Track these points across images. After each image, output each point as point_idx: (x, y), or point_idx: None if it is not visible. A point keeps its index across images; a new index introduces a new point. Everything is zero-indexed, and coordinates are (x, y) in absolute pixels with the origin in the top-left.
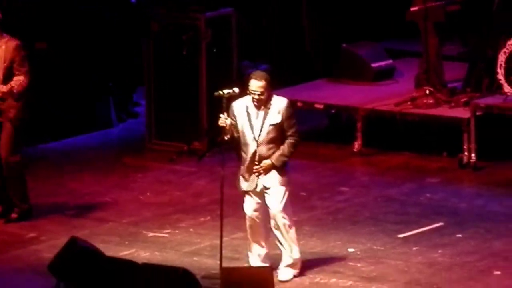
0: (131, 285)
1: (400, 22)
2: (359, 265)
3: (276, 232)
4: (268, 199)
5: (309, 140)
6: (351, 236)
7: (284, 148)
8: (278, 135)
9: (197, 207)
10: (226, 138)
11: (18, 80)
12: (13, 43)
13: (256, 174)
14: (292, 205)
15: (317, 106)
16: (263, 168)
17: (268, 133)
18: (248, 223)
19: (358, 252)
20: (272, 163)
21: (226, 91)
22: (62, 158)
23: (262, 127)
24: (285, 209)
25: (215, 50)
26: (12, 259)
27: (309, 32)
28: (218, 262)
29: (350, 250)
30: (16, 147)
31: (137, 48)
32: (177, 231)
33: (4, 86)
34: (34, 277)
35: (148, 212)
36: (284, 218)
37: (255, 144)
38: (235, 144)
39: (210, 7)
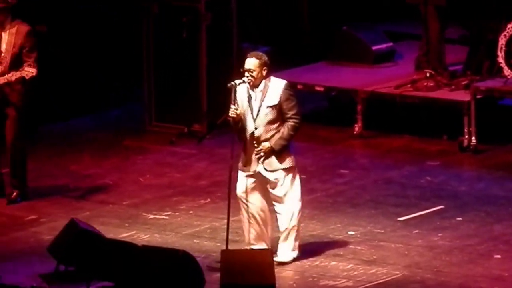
0: (131, 267)
1: (400, 4)
2: (359, 248)
3: (279, 218)
4: (270, 186)
5: (309, 122)
6: (351, 219)
7: (284, 131)
8: (277, 117)
9: (197, 189)
10: (231, 122)
11: (30, 73)
12: (24, 28)
13: (257, 157)
14: None
15: (317, 88)
16: (262, 151)
17: (266, 115)
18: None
19: (358, 235)
20: (271, 146)
21: (237, 81)
22: (62, 140)
23: (259, 109)
24: (289, 193)
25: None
26: (12, 241)
27: (309, 14)
28: (218, 244)
29: (350, 233)
30: (21, 131)
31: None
32: (177, 213)
33: (15, 74)
34: (34, 259)
35: (148, 194)
36: (287, 204)
37: (253, 126)
38: (238, 127)
39: None
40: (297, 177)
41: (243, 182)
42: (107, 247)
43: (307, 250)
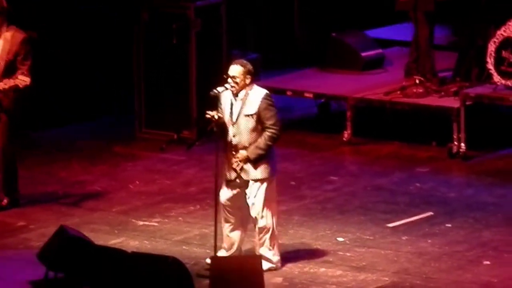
0: (120, 274)
1: (389, 11)
2: (348, 254)
3: (256, 232)
4: (248, 196)
5: (298, 129)
6: (340, 225)
7: (260, 140)
8: (255, 126)
9: (187, 196)
10: (214, 128)
11: (24, 82)
12: (20, 36)
13: (233, 165)
14: (281, 195)
15: (306, 95)
16: (239, 159)
17: (244, 123)
18: (222, 212)
19: (347, 242)
20: (247, 155)
21: (220, 88)
22: (52, 147)
23: (238, 117)
24: (264, 204)
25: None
26: (1, 247)
27: (299, 21)
28: (208, 251)
29: (339, 239)
30: (12, 137)
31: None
32: (166, 220)
33: (8, 82)
34: (23, 266)
35: (138, 201)
36: (262, 220)
37: (231, 133)
38: (220, 131)
39: None
40: (273, 187)
41: (224, 189)
42: (96, 253)
43: (296, 256)
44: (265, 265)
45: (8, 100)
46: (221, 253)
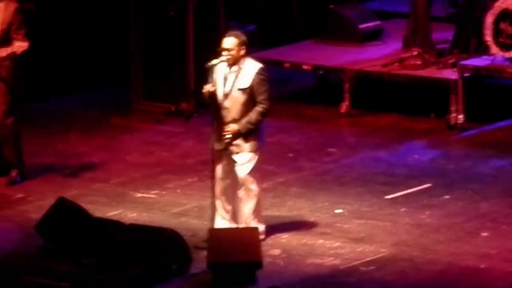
0: (118, 246)
1: None
2: (346, 226)
3: (242, 199)
4: (236, 166)
5: (296, 101)
6: (339, 197)
7: (252, 115)
8: (248, 100)
9: (184, 167)
10: (207, 101)
11: (21, 47)
12: (12, 5)
13: (223, 138)
14: (279, 166)
15: (304, 67)
16: (230, 132)
17: (236, 97)
18: (216, 184)
19: (346, 213)
20: (238, 129)
21: (215, 61)
22: (50, 119)
23: (231, 90)
24: (250, 176)
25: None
26: None
27: None
28: (205, 222)
29: (338, 211)
30: (12, 107)
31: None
32: (164, 192)
33: (5, 50)
34: (22, 238)
35: (136, 173)
36: (252, 184)
37: (223, 105)
38: (212, 103)
39: None
40: (260, 159)
41: (216, 160)
42: (94, 225)
43: (294, 228)
44: None
45: (5, 69)
46: (219, 221)
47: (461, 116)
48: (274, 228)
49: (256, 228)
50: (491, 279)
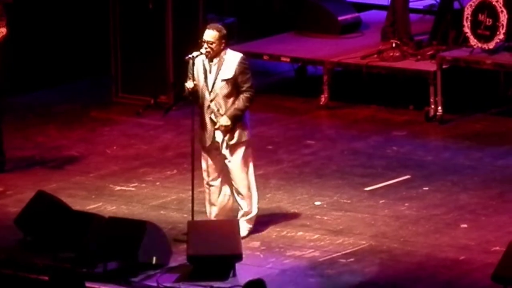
0: (98, 239)
1: None
2: (325, 218)
3: (235, 189)
4: (227, 157)
5: (275, 93)
6: (318, 189)
7: (239, 102)
8: (232, 90)
9: (164, 160)
10: (189, 97)
11: (1, 32)
12: None
13: (217, 130)
14: (259, 159)
15: (283, 59)
16: (221, 128)
17: (221, 88)
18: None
19: (325, 205)
20: (227, 121)
21: (195, 53)
22: (29, 112)
23: (214, 82)
24: (244, 165)
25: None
26: None
27: None
28: (185, 215)
29: (317, 203)
30: None
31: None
32: (143, 185)
33: None
34: (1, 232)
35: (115, 166)
36: (243, 175)
37: (208, 98)
38: (194, 99)
39: None
40: (250, 150)
41: (204, 155)
42: (74, 218)
43: (274, 220)
44: (243, 231)
45: None
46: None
47: (439, 108)
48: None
49: (236, 221)
50: (470, 270)
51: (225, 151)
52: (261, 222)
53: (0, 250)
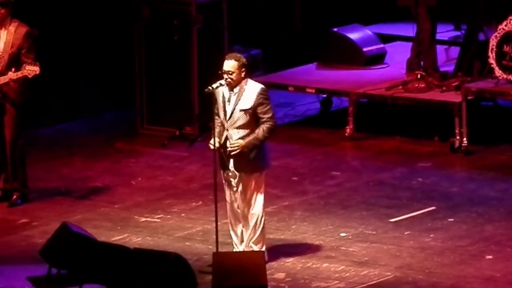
0: (123, 271)
1: (391, 6)
2: (351, 249)
3: (247, 222)
4: (241, 188)
5: (300, 124)
6: (343, 220)
7: (259, 131)
8: (250, 121)
9: (189, 192)
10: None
11: (33, 71)
12: (23, 29)
13: (228, 151)
14: (284, 190)
15: (308, 90)
16: (234, 147)
17: (238, 118)
18: (227, 205)
19: (350, 237)
20: (242, 144)
21: (214, 85)
22: (54, 144)
23: (233, 112)
24: (255, 196)
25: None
26: (4, 244)
27: (300, 16)
28: (210, 246)
29: (342, 234)
30: (20, 130)
31: (128, 35)
32: (169, 216)
33: (17, 73)
34: (26, 263)
35: (140, 197)
36: (254, 213)
37: (225, 128)
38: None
39: None
40: (263, 180)
41: (225, 184)
42: (99, 250)
43: (299, 252)
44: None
45: (14, 92)
46: (236, 249)
47: (465, 139)
48: (279, 252)
49: (261, 252)
50: None
51: (237, 180)
52: (286, 253)
53: (25, 282)
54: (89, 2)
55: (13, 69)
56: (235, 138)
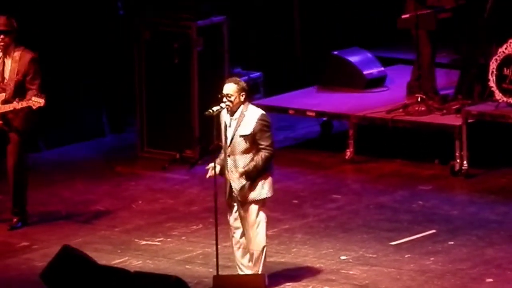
0: None
1: (391, 29)
2: (351, 272)
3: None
4: (242, 216)
5: (301, 147)
6: (344, 243)
7: (257, 159)
8: (250, 147)
9: (189, 215)
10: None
11: (38, 103)
12: (28, 56)
13: (230, 182)
14: (284, 213)
15: (309, 113)
16: (238, 175)
17: (238, 143)
18: (230, 231)
19: (351, 260)
20: (241, 172)
21: (215, 108)
22: (54, 167)
23: (233, 137)
24: (255, 223)
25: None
26: (3, 268)
27: (300, 39)
28: (210, 270)
29: (343, 257)
30: (23, 156)
31: (128, 58)
32: (169, 239)
33: (21, 103)
34: (27, 286)
35: (141, 220)
36: (254, 249)
37: (227, 153)
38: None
39: (202, 15)
40: (262, 210)
41: (229, 209)
42: (99, 273)
43: (299, 275)
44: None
45: (18, 119)
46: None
47: (465, 162)
48: (279, 275)
49: (262, 275)
50: None
51: (243, 208)
52: (286, 276)
53: None
54: (89, 26)
55: (17, 99)
56: (236, 163)
